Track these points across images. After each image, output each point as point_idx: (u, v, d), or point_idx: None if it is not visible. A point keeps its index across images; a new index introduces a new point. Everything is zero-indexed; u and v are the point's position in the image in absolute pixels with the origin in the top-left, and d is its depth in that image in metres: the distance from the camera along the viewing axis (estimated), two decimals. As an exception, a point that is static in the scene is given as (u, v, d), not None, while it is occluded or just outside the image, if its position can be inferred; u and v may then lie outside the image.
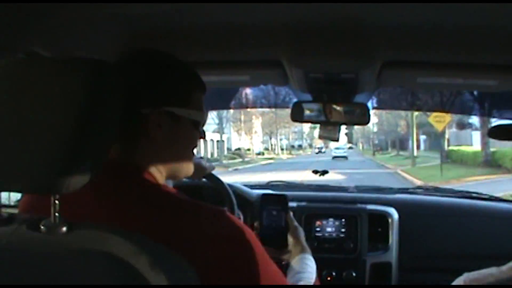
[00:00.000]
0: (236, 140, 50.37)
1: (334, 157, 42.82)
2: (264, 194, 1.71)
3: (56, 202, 0.86)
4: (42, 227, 0.85)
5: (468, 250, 2.51)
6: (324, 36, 1.45)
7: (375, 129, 58.38)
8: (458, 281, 0.99)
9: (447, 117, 22.27)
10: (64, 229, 0.86)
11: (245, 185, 2.82)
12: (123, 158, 1.08)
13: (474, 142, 32.52)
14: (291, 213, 1.65)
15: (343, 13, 1.28)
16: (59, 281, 0.81)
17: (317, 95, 1.90)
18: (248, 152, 44.22)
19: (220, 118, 38.87)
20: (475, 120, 31.81)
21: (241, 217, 2.21)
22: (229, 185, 2.27)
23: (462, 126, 35.51)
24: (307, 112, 1.92)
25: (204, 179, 2.13)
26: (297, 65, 1.66)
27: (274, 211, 1.64)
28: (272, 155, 51.60)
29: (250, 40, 1.53)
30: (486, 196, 3.07)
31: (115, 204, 1.02)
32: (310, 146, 75.87)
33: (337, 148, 46.05)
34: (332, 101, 1.88)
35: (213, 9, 1.26)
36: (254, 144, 53.70)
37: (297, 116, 1.93)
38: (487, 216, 2.65)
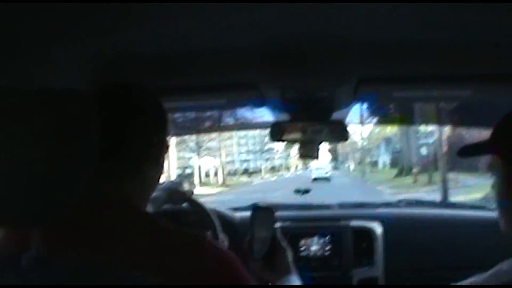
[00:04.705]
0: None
1: (315, 179, 34.14)
2: (255, 209, 1.70)
3: (37, 235, 0.84)
4: (22, 262, 0.84)
5: (452, 261, 2.52)
6: (299, 55, 1.46)
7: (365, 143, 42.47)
8: None
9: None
10: (43, 263, 0.84)
11: (228, 208, 2.81)
12: (111, 187, 1.08)
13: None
14: (279, 232, 1.64)
15: (316, 32, 1.29)
16: None
17: (294, 114, 1.91)
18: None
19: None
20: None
21: (226, 240, 2.20)
22: (211, 209, 2.25)
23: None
24: (285, 132, 1.92)
25: (184, 204, 2.11)
26: (273, 86, 1.67)
27: (263, 227, 1.63)
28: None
29: (224, 63, 1.53)
30: (469, 205, 3.09)
31: (99, 235, 1.00)
32: (286, 168, 60.47)
33: (317, 169, 38.25)
34: (310, 120, 1.88)
35: (186, 33, 1.27)
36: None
37: (276, 136, 1.94)
38: (470, 225, 2.67)
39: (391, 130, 34.68)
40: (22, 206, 0.79)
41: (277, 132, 1.93)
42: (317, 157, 2.03)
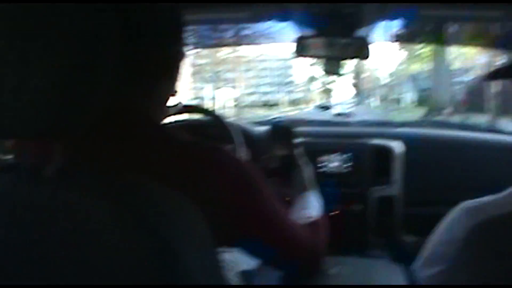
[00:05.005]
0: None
1: (336, 114, 33.66)
2: (273, 127, 1.71)
3: (58, 147, 0.85)
4: (45, 173, 0.85)
5: (471, 182, 2.52)
6: None
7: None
8: (456, 210, 0.99)
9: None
10: (66, 173, 0.85)
11: (249, 123, 2.82)
12: (127, 100, 1.07)
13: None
14: (299, 150, 1.65)
15: None
16: (63, 230, 0.80)
17: (318, 29, 1.87)
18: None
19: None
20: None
21: (246, 153, 2.22)
22: (231, 123, 2.26)
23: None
24: (309, 47, 1.89)
25: (206, 117, 2.12)
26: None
27: (281, 144, 1.64)
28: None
29: None
30: (492, 128, 3.06)
31: (116, 149, 1.01)
32: (307, 102, 52.90)
33: (339, 104, 36.04)
34: (334, 35, 1.85)
35: None
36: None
37: (302, 51, 1.91)
38: (491, 148, 2.65)
39: (420, 66, 32.70)
40: (42, 119, 0.80)
41: (303, 47, 1.90)
42: (339, 74, 2.01)
